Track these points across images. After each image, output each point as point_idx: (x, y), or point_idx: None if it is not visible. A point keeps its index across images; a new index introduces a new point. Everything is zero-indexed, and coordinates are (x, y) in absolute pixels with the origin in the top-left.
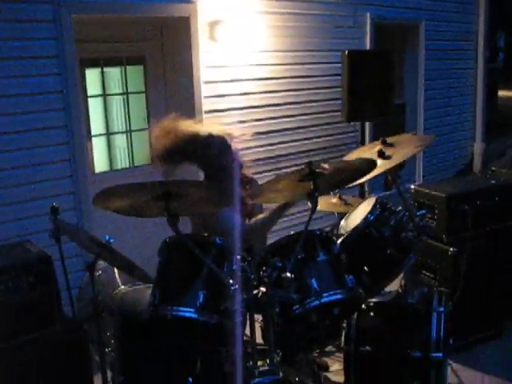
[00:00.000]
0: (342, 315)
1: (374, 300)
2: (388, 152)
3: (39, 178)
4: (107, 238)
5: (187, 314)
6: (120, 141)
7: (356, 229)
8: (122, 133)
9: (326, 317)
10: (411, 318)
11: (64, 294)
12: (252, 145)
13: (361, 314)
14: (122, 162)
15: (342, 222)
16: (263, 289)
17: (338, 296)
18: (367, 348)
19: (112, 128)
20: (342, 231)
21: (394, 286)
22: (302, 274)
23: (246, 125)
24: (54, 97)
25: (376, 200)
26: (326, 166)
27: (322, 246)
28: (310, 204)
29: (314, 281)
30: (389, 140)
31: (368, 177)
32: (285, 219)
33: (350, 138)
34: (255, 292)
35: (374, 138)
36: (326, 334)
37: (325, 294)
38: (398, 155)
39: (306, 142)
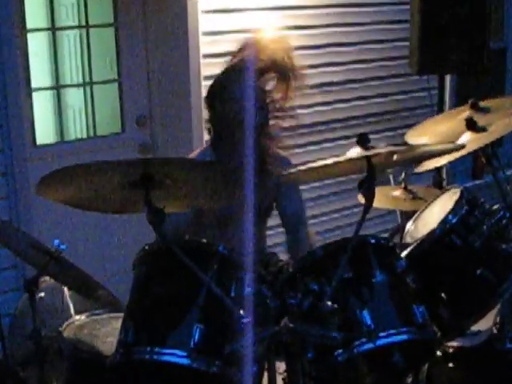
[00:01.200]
0: (408, 366)
1: (454, 344)
2: (481, 121)
3: None
4: (56, 242)
5: (176, 360)
6: (75, 98)
7: (430, 236)
8: (78, 86)
9: (382, 367)
10: (510, 372)
11: None
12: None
13: (435, 365)
14: (77, 129)
15: (410, 226)
16: (290, 323)
17: (403, 337)
18: None
19: (63, 79)
20: (408, 239)
21: (485, 323)
22: (349, 303)
23: None
24: None
25: (461, 193)
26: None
27: (380, 261)
28: (361, 197)
29: (366, 313)
30: (482, 104)
31: (449, 159)
32: (323, 219)
33: (422, 100)
34: (278, 328)
35: (457, 99)
36: None
37: (382, 334)
38: (497, 127)
39: (355, 103)
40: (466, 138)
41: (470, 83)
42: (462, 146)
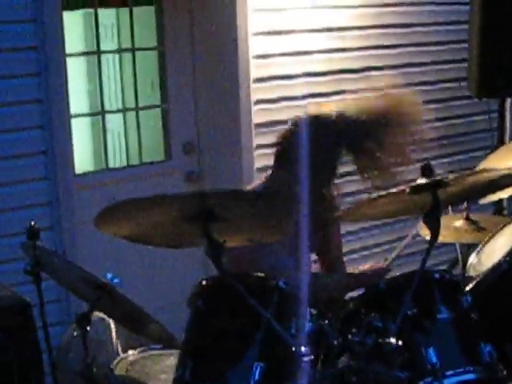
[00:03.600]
0: None
1: None
2: None
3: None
4: (109, 276)
5: None
6: (116, 124)
7: (496, 270)
8: (118, 112)
9: None
10: None
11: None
12: None
13: None
14: (121, 157)
15: (473, 258)
16: (352, 362)
17: (470, 376)
18: None
19: (104, 104)
20: (472, 272)
21: None
22: (414, 341)
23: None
24: (24, 55)
25: None
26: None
27: (445, 296)
28: (422, 228)
29: (431, 351)
30: None
31: None
32: (364, 253)
33: (481, 124)
34: (340, 366)
35: None
36: None
37: (449, 373)
38: None
39: None
40: None
41: None
42: None
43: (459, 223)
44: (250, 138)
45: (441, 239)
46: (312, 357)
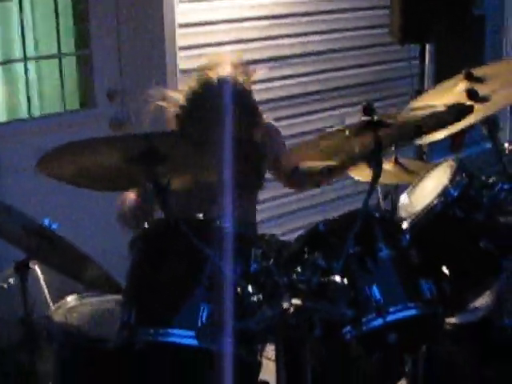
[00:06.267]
0: (406, 346)
1: (452, 321)
2: (482, 91)
3: None
4: (47, 222)
5: (184, 341)
6: (34, 72)
7: (432, 209)
8: (36, 59)
9: (375, 348)
10: (508, 348)
11: None
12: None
13: (433, 344)
14: (33, 106)
15: (403, 199)
16: (297, 301)
17: (412, 312)
18: None
19: (12, 52)
20: (403, 213)
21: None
22: (357, 279)
23: (244, 46)
24: None
25: (458, 165)
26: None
27: (385, 235)
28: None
29: (375, 288)
30: (477, 73)
31: (453, 130)
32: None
33: (404, 70)
34: (286, 305)
35: (438, 70)
36: (378, 377)
37: (392, 309)
38: (500, 96)
39: (333, 74)
40: None
41: (447, 51)
42: (470, 106)
43: (388, 166)
44: (175, 82)
45: (367, 180)
46: (259, 296)
